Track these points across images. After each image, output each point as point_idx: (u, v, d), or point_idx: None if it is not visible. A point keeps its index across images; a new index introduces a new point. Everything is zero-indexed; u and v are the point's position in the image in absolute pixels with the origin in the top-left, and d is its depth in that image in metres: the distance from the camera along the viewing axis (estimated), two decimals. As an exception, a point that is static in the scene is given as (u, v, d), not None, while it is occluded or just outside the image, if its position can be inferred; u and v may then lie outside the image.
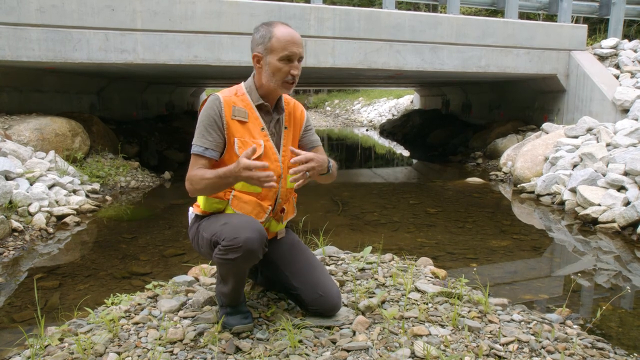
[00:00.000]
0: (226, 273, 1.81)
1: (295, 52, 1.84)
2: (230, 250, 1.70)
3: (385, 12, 6.93)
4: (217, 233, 1.76)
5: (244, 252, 1.69)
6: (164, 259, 3.52)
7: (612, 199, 4.47)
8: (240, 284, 1.88)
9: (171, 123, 11.39)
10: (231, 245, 1.69)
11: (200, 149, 1.85)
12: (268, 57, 1.85)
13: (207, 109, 1.86)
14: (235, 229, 1.71)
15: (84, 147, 6.25)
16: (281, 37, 1.82)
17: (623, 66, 7.58)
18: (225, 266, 1.78)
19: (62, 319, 2.20)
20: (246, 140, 1.87)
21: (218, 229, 1.77)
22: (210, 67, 6.44)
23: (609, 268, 3.45)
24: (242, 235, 1.68)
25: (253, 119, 1.91)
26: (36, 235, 3.99)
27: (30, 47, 5.54)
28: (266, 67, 1.87)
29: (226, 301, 1.90)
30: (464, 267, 3.33)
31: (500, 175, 7.17)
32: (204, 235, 1.85)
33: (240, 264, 1.74)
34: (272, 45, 1.83)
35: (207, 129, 1.85)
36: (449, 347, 1.81)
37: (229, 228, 1.73)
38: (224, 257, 1.72)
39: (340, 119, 24.19)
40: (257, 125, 1.91)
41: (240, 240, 1.67)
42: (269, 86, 1.89)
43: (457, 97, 12.77)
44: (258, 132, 1.91)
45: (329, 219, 4.64)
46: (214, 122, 1.85)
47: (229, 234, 1.70)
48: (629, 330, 2.39)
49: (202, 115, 1.87)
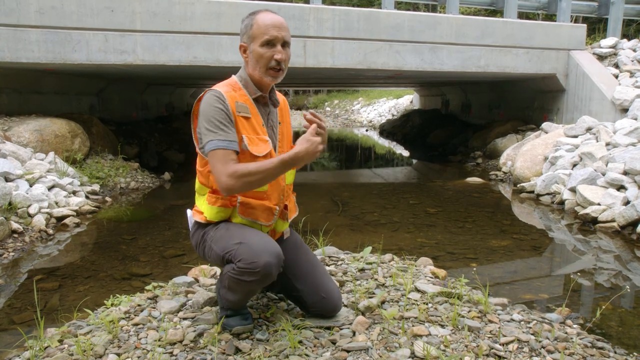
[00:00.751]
0: (236, 289, 1.76)
1: (276, 36, 1.78)
2: (247, 273, 1.66)
3: (384, 13, 6.93)
4: (232, 252, 1.69)
5: (262, 276, 1.66)
6: (163, 260, 3.52)
7: (612, 198, 4.47)
8: (249, 297, 1.86)
9: (171, 124, 11.39)
10: (249, 269, 1.64)
11: (225, 143, 1.70)
12: (251, 44, 1.81)
13: (213, 103, 1.74)
14: (254, 251, 1.65)
15: (83, 148, 6.25)
16: (261, 23, 1.78)
17: (622, 65, 7.59)
18: (237, 284, 1.73)
19: (62, 321, 2.20)
20: (253, 137, 1.80)
21: (232, 247, 1.70)
22: (210, 68, 6.44)
23: (608, 267, 3.44)
24: (262, 259, 1.63)
25: (254, 114, 1.85)
26: (36, 237, 3.99)
27: (29, 48, 5.54)
28: (250, 56, 1.82)
29: (229, 306, 1.88)
30: (464, 267, 3.33)
31: (500, 175, 7.17)
32: (214, 249, 1.78)
33: (254, 285, 1.72)
34: (254, 32, 1.79)
35: (222, 121, 1.72)
36: (449, 347, 1.81)
37: (246, 249, 1.66)
38: (239, 277, 1.68)
39: (340, 120, 24.19)
40: (258, 121, 1.86)
41: (259, 264, 1.63)
42: (255, 75, 1.84)
43: (456, 97, 12.77)
44: (261, 128, 1.86)
45: (328, 219, 4.64)
46: (227, 116, 1.74)
47: (246, 255, 1.65)
48: (629, 330, 2.39)
49: (209, 110, 1.74)
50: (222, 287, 1.85)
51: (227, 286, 1.79)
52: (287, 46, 1.84)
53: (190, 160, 8.79)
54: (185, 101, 16.41)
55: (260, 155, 1.78)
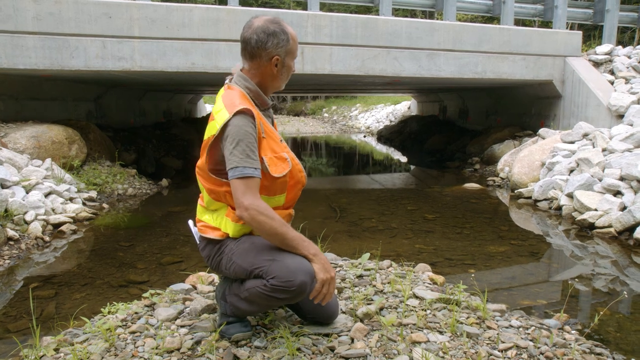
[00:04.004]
0: (260, 303, 1.75)
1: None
2: (280, 291, 1.65)
3: (382, 19, 6.97)
4: (264, 268, 1.68)
5: (295, 295, 1.66)
6: (161, 267, 3.51)
7: (609, 203, 4.48)
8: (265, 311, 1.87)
9: (169, 130, 11.38)
10: (284, 287, 1.63)
11: (251, 170, 1.66)
12: (286, 58, 1.85)
13: (244, 126, 1.68)
14: (290, 270, 1.63)
15: (80, 154, 6.24)
16: (295, 38, 1.86)
17: (617, 72, 7.63)
18: (265, 299, 1.71)
19: (58, 329, 2.19)
20: (272, 157, 1.77)
21: (264, 264, 1.68)
22: (208, 75, 6.45)
23: (606, 273, 3.45)
24: (298, 279, 1.62)
25: (270, 132, 1.82)
26: (32, 244, 3.98)
27: (26, 54, 5.54)
28: (283, 70, 1.86)
29: (238, 314, 1.87)
30: (462, 273, 3.32)
31: (498, 181, 7.18)
32: (238, 262, 1.75)
33: (283, 302, 1.72)
34: (292, 47, 1.85)
35: (251, 147, 1.68)
36: (448, 354, 1.81)
37: (281, 267, 1.65)
38: (270, 294, 1.67)
39: (337, 126, 24.22)
40: (275, 138, 1.84)
41: (295, 284, 1.62)
42: (278, 87, 1.89)
43: (454, 103, 12.82)
44: (279, 145, 1.83)
45: (327, 225, 4.63)
46: (254, 139, 1.70)
47: (282, 273, 1.63)
48: (627, 335, 2.39)
49: (238, 132, 1.67)
50: (238, 298, 1.81)
51: (249, 299, 1.76)
52: None
53: (188, 167, 8.78)
54: (183, 107, 16.42)
55: (280, 176, 1.78)
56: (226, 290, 1.90)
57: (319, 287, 1.66)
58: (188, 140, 10.50)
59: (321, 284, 1.66)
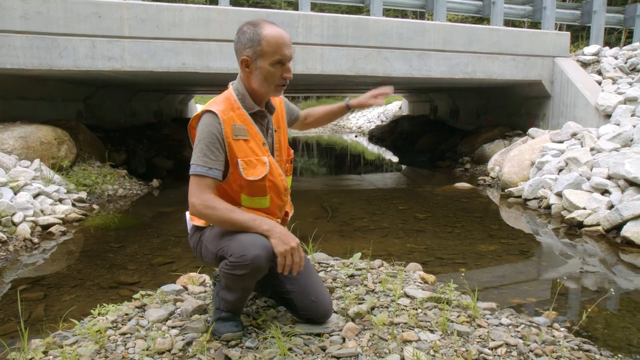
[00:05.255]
0: (232, 285, 1.79)
1: (287, 55, 1.77)
2: (238, 267, 1.67)
3: (373, 20, 6.99)
4: (224, 248, 1.72)
5: (252, 269, 1.67)
6: (152, 268, 3.49)
7: (597, 202, 4.54)
8: (246, 295, 1.87)
9: (160, 130, 11.32)
10: (239, 263, 1.66)
11: (204, 169, 1.72)
12: (258, 61, 1.76)
13: (207, 126, 1.74)
14: (243, 245, 1.66)
15: (70, 155, 6.19)
16: (272, 40, 1.74)
17: (605, 72, 7.73)
18: (231, 279, 1.75)
19: (47, 331, 2.17)
20: (250, 160, 1.80)
21: (224, 244, 1.72)
22: (199, 75, 6.42)
23: (594, 270, 3.49)
24: (250, 252, 1.64)
25: (253, 134, 1.83)
26: (20, 246, 3.93)
27: (14, 54, 5.48)
28: (257, 72, 1.78)
29: (227, 307, 1.88)
30: (453, 272, 3.34)
31: (488, 180, 7.23)
32: (209, 248, 1.81)
33: (247, 279, 1.73)
34: (264, 49, 1.74)
35: (210, 147, 1.73)
36: (439, 353, 1.82)
37: (236, 244, 1.68)
38: (231, 272, 1.70)
39: (329, 125, 24.23)
40: (258, 141, 1.84)
41: (248, 257, 1.64)
42: (261, 91, 1.82)
43: (444, 103, 12.89)
44: (260, 149, 1.84)
45: (318, 225, 4.64)
46: (217, 139, 1.74)
47: (236, 250, 1.66)
48: (614, 332, 2.42)
49: (201, 132, 1.75)
50: (221, 288, 1.86)
51: (225, 285, 1.82)
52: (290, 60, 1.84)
53: (179, 167, 8.74)
54: (174, 108, 16.33)
55: (256, 179, 1.80)
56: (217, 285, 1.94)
57: (280, 260, 1.67)
58: (179, 140, 10.45)
59: (281, 256, 1.67)
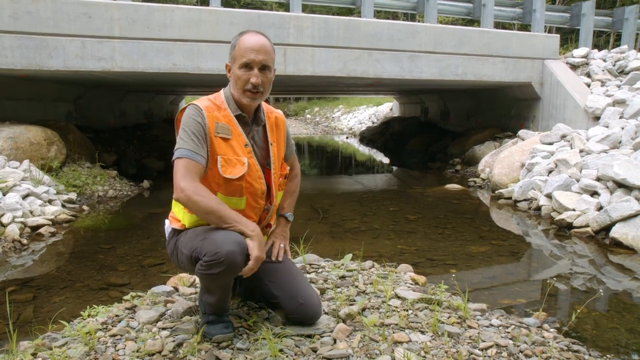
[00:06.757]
0: (210, 285, 1.79)
1: (253, 59, 1.79)
2: (213, 265, 1.66)
3: (364, 21, 7.01)
4: (197, 249, 1.72)
5: (227, 265, 1.66)
6: (142, 269, 3.47)
7: (586, 204, 4.59)
8: (226, 294, 1.86)
9: (150, 131, 11.26)
10: (213, 260, 1.65)
11: (190, 153, 1.73)
12: (233, 65, 1.85)
13: (192, 116, 1.79)
14: (216, 243, 1.66)
15: (59, 156, 6.13)
16: (242, 45, 1.81)
17: (594, 75, 7.82)
18: (208, 280, 1.75)
19: (36, 333, 2.14)
20: (230, 159, 1.82)
21: (197, 245, 1.72)
22: (189, 75, 6.39)
23: (583, 272, 3.53)
24: (224, 249, 1.64)
25: (236, 135, 1.86)
26: (9, 247, 3.89)
27: (3, 54, 5.42)
28: (232, 77, 1.87)
29: (211, 310, 1.88)
30: (444, 273, 3.36)
31: (479, 182, 7.28)
32: (184, 252, 1.81)
33: (224, 277, 1.72)
34: (235, 53, 1.84)
35: (195, 134, 1.76)
36: (429, 354, 1.83)
37: (209, 243, 1.68)
38: (207, 272, 1.70)
39: (320, 127, 24.26)
40: (240, 141, 1.86)
41: (222, 254, 1.64)
42: (235, 96, 1.87)
43: (435, 104, 12.95)
44: (241, 149, 1.86)
45: (309, 226, 4.64)
46: (202, 129, 1.78)
47: (210, 249, 1.66)
48: (603, 333, 2.45)
49: (186, 121, 1.78)
50: (201, 292, 1.87)
51: (204, 287, 1.83)
52: (266, 70, 1.85)
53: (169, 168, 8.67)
54: (165, 108, 16.24)
55: (234, 178, 1.81)
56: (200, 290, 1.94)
57: (252, 264, 1.70)
58: (169, 141, 10.39)
59: (255, 261, 1.70)
